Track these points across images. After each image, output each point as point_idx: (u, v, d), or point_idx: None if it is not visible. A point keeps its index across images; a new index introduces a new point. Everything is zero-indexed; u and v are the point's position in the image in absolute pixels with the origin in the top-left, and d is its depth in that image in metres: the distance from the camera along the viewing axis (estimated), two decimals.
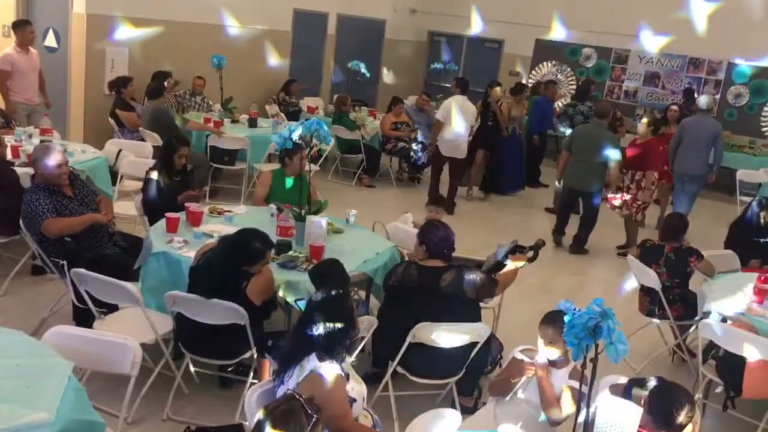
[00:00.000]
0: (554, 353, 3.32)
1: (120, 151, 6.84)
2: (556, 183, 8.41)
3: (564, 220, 7.94)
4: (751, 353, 3.97)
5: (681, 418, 2.67)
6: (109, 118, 8.10)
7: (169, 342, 4.02)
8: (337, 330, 2.92)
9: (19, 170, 5.40)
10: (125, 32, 8.74)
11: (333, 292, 3.11)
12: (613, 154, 7.28)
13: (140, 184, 5.79)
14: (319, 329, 2.91)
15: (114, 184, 6.44)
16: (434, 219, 4.36)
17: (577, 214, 8.02)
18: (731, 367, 4.11)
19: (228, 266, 3.74)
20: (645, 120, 7.82)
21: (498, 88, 9.43)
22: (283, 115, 9.79)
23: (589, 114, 9.40)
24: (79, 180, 4.90)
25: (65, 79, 8.62)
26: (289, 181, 5.47)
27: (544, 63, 13.35)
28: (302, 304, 3.45)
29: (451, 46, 14.39)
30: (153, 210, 5.20)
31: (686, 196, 8.32)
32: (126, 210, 5.87)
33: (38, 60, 7.64)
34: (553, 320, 3.30)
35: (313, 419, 2.44)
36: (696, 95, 11.04)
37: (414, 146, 9.71)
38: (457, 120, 8.33)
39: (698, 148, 8.10)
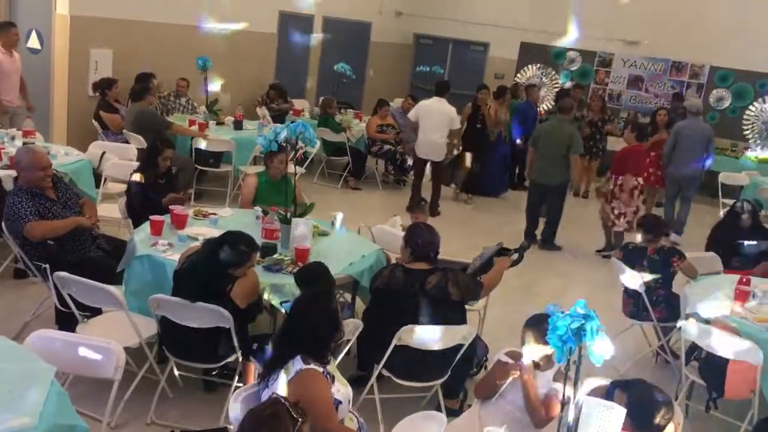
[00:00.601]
0: (539, 352, 3.33)
1: (104, 153, 6.79)
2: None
3: (533, 220, 7.95)
4: (733, 354, 4.01)
5: (658, 419, 2.72)
6: (93, 121, 8.05)
7: (153, 345, 3.99)
8: (322, 332, 2.93)
9: (1, 173, 5.35)
10: (109, 34, 8.71)
11: (318, 295, 3.11)
12: (572, 148, 7.41)
13: (124, 187, 5.76)
14: (304, 332, 2.90)
15: (98, 186, 6.40)
16: (419, 222, 4.37)
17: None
18: (714, 368, 4.15)
19: (213, 269, 3.73)
20: (629, 125, 7.92)
21: (486, 91, 9.51)
22: (269, 117, 9.77)
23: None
24: (63, 183, 4.86)
25: (48, 80, 8.54)
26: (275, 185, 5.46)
27: (529, 66, 13.42)
28: (288, 307, 3.44)
29: (436, 49, 14.42)
30: (137, 213, 5.18)
31: (686, 200, 8.61)
32: (110, 213, 5.83)
33: (20, 63, 7.58)
34: (533, 323, 3.34)
35: (299, 423, 2.44)
36: (684, 98, 11.19)
37: (399, 149, 9.74)
38: (427, 122, 8.35)
39: (694, 151, 8.31)
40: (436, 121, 8.33)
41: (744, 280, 4.68)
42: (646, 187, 8.44)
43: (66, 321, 4.17)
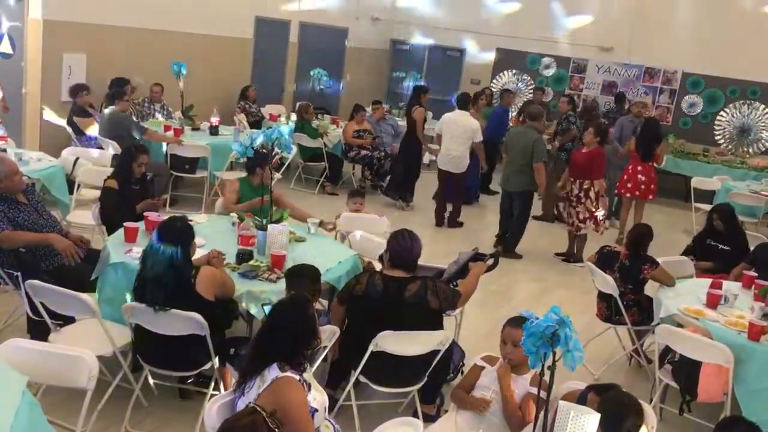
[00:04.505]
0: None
1: (77, 159, 6.72)
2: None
3: (503, 225, 7.98)
4: (705, 357, 4.07)
5: (628, 425, 2.78)
6: (66, 126, 7.96)
7: (127, 354, 3.95)
8: (298, 339, 2.92)
9: None
10: (82, 38, 8.63)
11: (295, 301, 3.11)
12: (535, 156, 7.38)
13: (98, 193, 5.70)
14: (280, 338, 2.89)
15: (71, 192, 6.32)
16: (403, 229, 4.35)
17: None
18: (687, 371, 4.20)
19: (168, 266, 3.69)
20: (591, 129, 7.76)
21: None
22: (245, 123, 9.72)
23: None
24: (32, 189, 4.78)
25: (21, 85, 8.44)
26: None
27: (505, 72, 13.52)
28: (268, 309, 3.42)
29: (413, 54, 14.48)
30: (111, 219, 5.12)
31: None
32: (83, 219, 5.77)
33: None
34: (516, 322, 3.38)
35: None
36: (628, 100, 11.23)
37: (376, 154, 9.73)
38: (446, 134, 8.44)
39: None
40: (456, 133, 8.36)
41: (716, 284, 4.75)
42: (640, 200, 8.49)
43: (38, 330, 4.10)
